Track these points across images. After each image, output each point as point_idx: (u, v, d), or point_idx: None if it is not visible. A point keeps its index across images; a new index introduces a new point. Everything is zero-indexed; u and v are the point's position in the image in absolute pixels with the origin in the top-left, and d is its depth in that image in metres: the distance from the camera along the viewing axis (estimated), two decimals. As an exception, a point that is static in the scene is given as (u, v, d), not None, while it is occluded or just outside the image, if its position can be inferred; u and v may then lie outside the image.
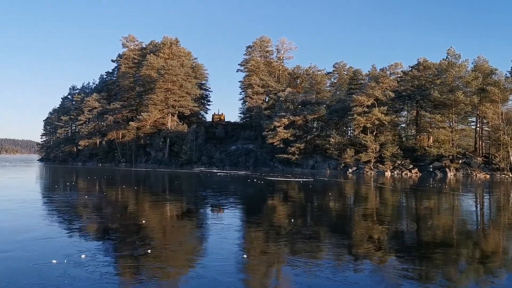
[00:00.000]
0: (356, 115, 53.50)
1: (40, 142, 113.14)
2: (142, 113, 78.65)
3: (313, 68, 79.55)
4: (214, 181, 37.14)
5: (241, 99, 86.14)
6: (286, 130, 59.74)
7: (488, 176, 47.77)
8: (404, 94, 56.86)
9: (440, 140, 52.46)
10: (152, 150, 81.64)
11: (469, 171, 49.67)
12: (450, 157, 51.61)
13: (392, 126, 58.71)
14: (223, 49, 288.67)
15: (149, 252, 8.85)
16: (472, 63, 54.77)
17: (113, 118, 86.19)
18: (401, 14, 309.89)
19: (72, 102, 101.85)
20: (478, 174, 48.37)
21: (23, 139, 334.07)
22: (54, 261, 7.83)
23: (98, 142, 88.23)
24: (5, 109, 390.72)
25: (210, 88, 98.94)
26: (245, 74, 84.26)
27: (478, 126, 56.99)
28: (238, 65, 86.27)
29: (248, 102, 79.90)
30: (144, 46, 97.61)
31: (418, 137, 59.22)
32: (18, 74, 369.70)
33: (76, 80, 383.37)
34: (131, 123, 79.87)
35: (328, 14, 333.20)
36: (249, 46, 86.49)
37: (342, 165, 55.88)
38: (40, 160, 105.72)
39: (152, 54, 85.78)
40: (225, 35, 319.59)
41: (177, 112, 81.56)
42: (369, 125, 54.24)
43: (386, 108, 54.25)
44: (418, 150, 54.63)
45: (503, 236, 12.28)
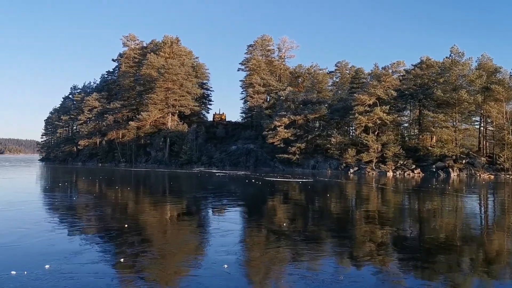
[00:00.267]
0: (357, 114, 52.60)
1: (40, 142, 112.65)
2: (142, 112, 78.06)
3: (314, 67, 78.99)
4: (211, 181, 36.39)
5: (242, 99, 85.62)
6: (286, 130, 58.95)
7: (492, 176, 46.82)
8: (406, 93, 55.91)
9: (443, 139, 51.42)
10: (152, 150, 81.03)
11: (472, 172, 48.72)
12: (454, 157, 50.66)
13: (394, 126, 57.79)
14: (225, 48, 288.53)
15: (125, 259, 8.10)
16: (476, 61, 53.86)
17: (113, 117, 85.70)
18: (404, 13, 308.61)
19: (72, 102, 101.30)
20: (482, 175, 47.41)
21: (27, 139, 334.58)
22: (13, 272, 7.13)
23: (98, 142, 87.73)
24: (8, 109, 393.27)
25: (211, 87, 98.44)
26: (246, 73, 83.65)
27: (482, 125, 55.97)
28: (239, 64, 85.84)
29: (249, 102, 79.26)
30: (145, 45, 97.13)
31: (420, 136, 58.27)
32: (21, 74, 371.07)
33: (79, 79, 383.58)
34: (131, 123, 79.28)
35: (329, 13, 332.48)
36: (250, 45, 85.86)
37: (344, 165, 55.03)
38: (41, 160, 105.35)
39: (152, 53, 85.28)
40: (227, 35, 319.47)
41: (177, 111, 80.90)
42: (370, 124, 53.34)
43: (388, 107, 53.33)
44: (420, 150, 53.68)
45: (508, 239, 11.57)
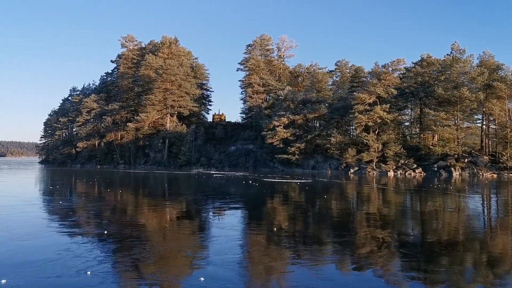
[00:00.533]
0: (357, 113, 51.76)
1: (39, 144, 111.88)
2: (140, 113, 77.28)
3: (314, 66, 78.19)
4: (208, 183, 35.63)
5: (241, 99, 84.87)
6: (285, 130, 58.10)
7: (495, 175, 45.98)
8: (407, 91, 55.05)
9: (445, 138, 50.47)
10: (151, 152, 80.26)
11: (475, 171, 47.84)
12: (456, 156, 49.79)
13: (395, 125, 56.96)
14: (225, 48, 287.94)
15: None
16: (477, 59, 53.08)
17: (111, 119, 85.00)
18: (404, 10, 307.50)
19: (71, 104, 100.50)
20: (484, 174, 46.54)
21: (29, 142, 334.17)
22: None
23: (96, 143, 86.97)
24: (11, 112, 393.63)
25: (211, 88, 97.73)
26: (245, 73, 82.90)
27: (484, 123, 55.05)
28: (238, 64, 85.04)
29: (248, 102, 78.52)
30: (143, 46, 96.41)
31: (422, 135, 57.42)
32: (23, 76, 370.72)
33: (80, 81, 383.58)
34: (129, 124, 78.54)
35: (329, 12, 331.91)
36: (249, 45, 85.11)
37: (344, 165, 54.20)
38: (40, 162, 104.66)
39: (150, 54, 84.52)
40: (227, 35, 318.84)
41: (176, 112, 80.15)
42: (371, 123, 52.50)
43: (388, 106, 52.51)
44: (422, 149, 52.81)
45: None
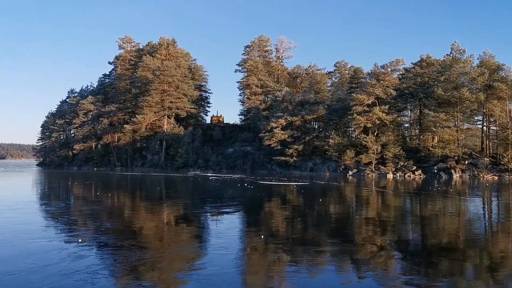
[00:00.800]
0: (356, 115, 50.99)
1: (36, 147, 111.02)
2: (137, 115, 76.61)
3: (312, 67, 77.55)
4: (202, 186, 34.84)
5: (240, 101, 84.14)
6: (283, 131, 57.35)
7: (496, 177, 45.18)
8: (406, 92, 54.30)
9: (444, 140, 49.62)
10: (148, 154, 79.51)
11: (475, 173, 47.02)
12: (456, 157, 48.98)
13: (394, 126, 56.22)
14: (225, 50, 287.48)
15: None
16: (477, 59, 52.28)
17: (108, 121, 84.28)
18: (403, 11, 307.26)
19: (69, 106, 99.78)
20: (485, 176, 45.72)
21: (29, 144, 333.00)
22: None
23: (93, 145, 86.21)
24: (11, 114, 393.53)
25: (210, 89, 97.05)
26: (243, 74, 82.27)
27: (484, 124, 54.22)
28: (236, 65, 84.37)
29: (246, 103, 77.82)
30: (141, 47, 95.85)
31: (421, 137, 56.64)
32: (23, 78, 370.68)
33: (82, 82, 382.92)
34: (126, 126, 77.87)
35: (328, 13, 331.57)
36: (247, 46, 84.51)
37: (342, 167, 53.41)
38: (38, 165, 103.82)
39: (148, 55, 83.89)
40: (226, 36, 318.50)
41: (173, 114, 79.45)
42: (369, 125, 51.71)
43: (387, 107, 51.75)
44: (421, 150, 52.01)
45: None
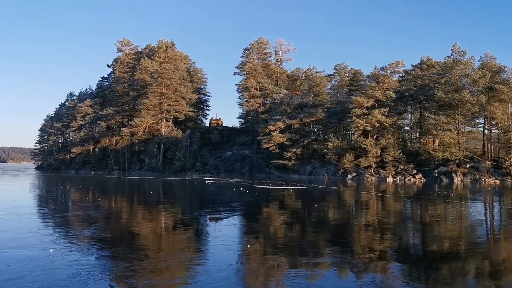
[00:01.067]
0: (355, 118, 50.15)
1: (34, 150, 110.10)
2: (135, 118, 75.87)
3: (312, 69, 76.66)
4: (197, 190, 34.05)
5: (239, 104, 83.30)
6: (281, 134, 56.48)
7: (498, 181, 44.31)
8: (406, 94, 53.49)
9: (445, 143, 48.78)
10: (146, 157, 78.70)
11: (477, 176, 46.13)
12: (457, 161, 48.09)
13: (394, 129, 55.37)
14: (225, 53, 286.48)
15: None
16: (478, 61, 51.42)
17: (106, 124, 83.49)
18: (403, 13, 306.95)
19: (67, 109, 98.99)
20: (487, 180, 44.84)
21: (30, 147, 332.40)
22: None
23: (91, 149, 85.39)
24: (13, 118, 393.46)
25: (209, 93, 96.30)
26: (242, 77, 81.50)
27: (486, 127, 53.31)
28: (235, 68, 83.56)
29: (245, 106, 77.08)
30: (139, 50, 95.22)
31: (422, 140, 55.77)
32: (24, 82, 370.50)
33: (82, 86, 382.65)
34: (123, 129, 77.06)
35: (327, 15, 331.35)
36: (246, 48, 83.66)
37: (341, 170, 52.53)
38: (36, 168, 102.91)
39: (146, 58, 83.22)
40: (227, 40, 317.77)
41: (171, 117, 78.71)
42: (369, 128, 50.85)
43: (387, 109, 50.89)
44: (422, 154, 51.11)
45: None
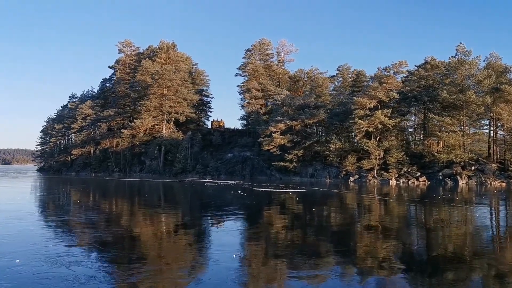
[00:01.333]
0: (357, 119, 49.16)
1: (35, 152, 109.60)
2: (135, 120, 75.23)
3: (314, 70, 75.82)
4: (193, 193, 33.19)
5: (240, 105, 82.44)
6: (283, 136, 55.57)
7: (504, 184, 43.21)
8: (409, 95, 52.42)
9: (450, 145, 47.61)
10: (146, 159, 78.02)
11: (482, 179, 45.01)
12: (462, 163, 46.99)
13: (398, 131, 54.35)
14: (229, 55, 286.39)
15: None
16: (484, 61, 50.29)
17: (106, 126, 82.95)
18: (406, 14, 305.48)
19: (68, 110, 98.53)
20: (492, 182, 43.73)
21: (35, 149, 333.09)
22: None
23: (92, 151, 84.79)
24: (17, 120, 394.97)
25: (211, 94, 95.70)
26: (244, 78, 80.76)
27: (491, 129, 52.08)
28: (237, 69, 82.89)
29: (247, 108, 76.28)
30: (141, 51, 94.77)
31: (426, 142, 54.70)
32: (29, 84, 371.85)
33: (85, 87, 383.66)
34: (124, 131, 76.45)
35: (330, 16, 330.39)
36: (248, 49, 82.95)
37: (343, 173, 51.58)
38: (38, 170, 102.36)
39: (147, 59, 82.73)
40: (230, 42, 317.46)
41: (172, 119, 78.02)
42: (371, 129, 49.86)
43: (390, 110, 49.90)
44: (426, 156, 50.04)
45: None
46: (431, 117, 49.14)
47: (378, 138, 51.52)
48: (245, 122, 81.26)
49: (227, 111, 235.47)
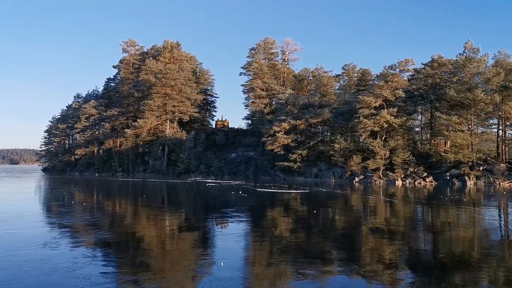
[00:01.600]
0: (362, 118, 48.21)
1: (39, 152, 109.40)
2: (139, 119, 74.71)
3: (319, 69, 74.92)
4: (193, 193, 32.52)
5: (245, 104, 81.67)
6: (286, 136, 54.70)
7: (513, 184, 42.13)
8: (416, 94, 51.36)
9: (457, 144, 46.53)
10: (150, 159, 77.51)
11: (491, 180, 43.89)
12: (470, 163, 45.86)
13: (404, 130, 53.29)
14: (234, 55, 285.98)
15: None
16: (492, 58, 48.93)
17: (110, 125, 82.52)
18: (413, 11, 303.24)
19: (73, 110, 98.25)
20: (501, 183, 42.62)
21: (39, 149, 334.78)
22: None
23: (95, 151, 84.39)
24: (26, 120, 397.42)
25: (216, 94, 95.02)
26: (248, 77, 79.99)
27: (500, 128, 50.84)
28: (241, 68, 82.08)
29: (251, 107, 75.55)
30: (145, 50, 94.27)
31: (433, 141, 53.61)
32: (37, 84, 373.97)
33: (91, 87, 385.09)
34: (127, 130, 75.93)
35: (334, 14, 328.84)
36: (252, 48, 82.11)
37: (348, 173, 50.64)
38: (43, 170, 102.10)
39: (151, 58, 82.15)
40: (234, 40, 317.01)
41: (176, 118, 77.42)
42: (377, 128, 48.85)
43: (396, 109, 48.89)
44: (433, 156, 48.97)
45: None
46: (438, 116, 48.04)
47: (383, 138, 50.53)
48: (249, 121, 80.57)
49: (232, 111, 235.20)
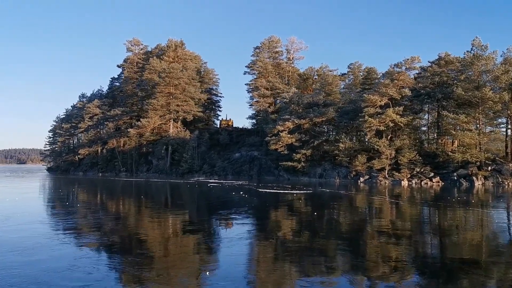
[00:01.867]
0: (367, 117, 47.30)
1: (44, 152, 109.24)
2: (142, 119, 74.27)
3: (324, 68, 73.95)
4: (194, 194, 31.91)
5: (249, 103, 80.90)
6: (290, 135, 53.91)
7: (522, 185, 41.10)
8: (422, 92, 50.33)
9: (465, 144, 45.47)
10: (154, 159, 77.01)
11: (500, 180, 42.83)
12: (478, 163, 44.81)
13: (410, 129, 52.29)
14: (240, 54, 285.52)
15: None
16: (501, 56, 47.71)
17: (113, 125, 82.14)
18: (420, 9, 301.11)
19: (77, 110, 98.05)
20: (510, 183, 41.56)
21: (43, 148, 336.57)
22: None
23: (99, 150, 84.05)
24: (33, 120, 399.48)
25: (221, 93, 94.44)
26: (252, 76, 79.27)
27: (509, 127, 49.63)
28: (245, 67, 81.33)
29: (255, 106, 74.82)
30: (149, 50, 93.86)
31: (439, 141, 52.58)
32: (43, 84, 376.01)
33: (96, 87, 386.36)
34: (130, 130, 75.51)
35: (340, 12, 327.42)
36: (256, 47, 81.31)
37: (353, 173, 49.75)
38: (47, 170, 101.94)
39: (155, 57, 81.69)
40: (239, 39, 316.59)
41: (180, 117, 76.90)
42: (382, 128, 47.90)
43: (402, 108, 47.94)
44: (440, 155, 47.94)
45: None
46: (445, 115, 46.96)
47: (389, 137, 49.57)
48: (253, 121, 79.84)
49: (237, 110, 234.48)
